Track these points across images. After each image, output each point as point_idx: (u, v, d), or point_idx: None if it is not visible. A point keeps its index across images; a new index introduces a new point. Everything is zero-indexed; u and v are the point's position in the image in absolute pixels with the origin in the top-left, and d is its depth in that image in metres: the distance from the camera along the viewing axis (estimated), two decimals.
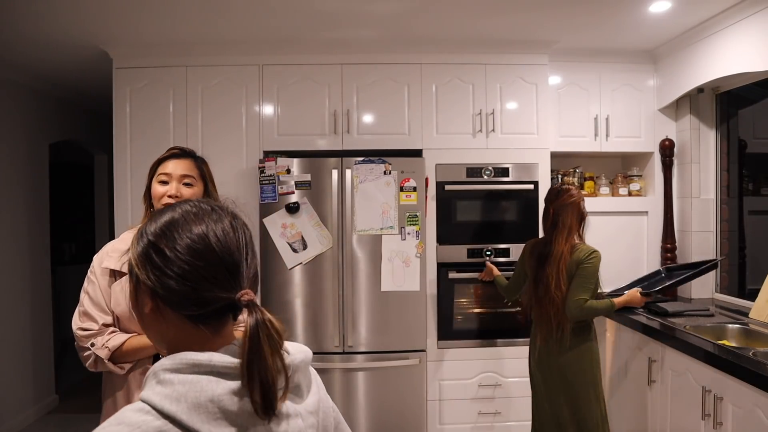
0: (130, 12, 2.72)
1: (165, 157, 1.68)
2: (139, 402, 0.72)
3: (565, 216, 2.46)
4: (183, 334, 0.78)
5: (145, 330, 0.83)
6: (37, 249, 3.94)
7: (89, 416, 3.86)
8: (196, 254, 0.76)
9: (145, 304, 0.79)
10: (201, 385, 0.71)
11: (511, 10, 2.75)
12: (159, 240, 0.77)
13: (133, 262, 0.79)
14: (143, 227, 0.81)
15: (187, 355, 0.73)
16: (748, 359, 2.04)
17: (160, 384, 0.72)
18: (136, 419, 0.69)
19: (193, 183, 1.68)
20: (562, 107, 3.39)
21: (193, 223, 0.78)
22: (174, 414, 0.69)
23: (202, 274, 0.76)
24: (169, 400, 0.70)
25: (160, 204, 1.63)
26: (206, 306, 0.76)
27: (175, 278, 0.75)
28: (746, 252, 3.36)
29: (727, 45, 2.80)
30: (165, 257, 0.76)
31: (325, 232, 3.02)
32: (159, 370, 0.73)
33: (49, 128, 4.11)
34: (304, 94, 3.20)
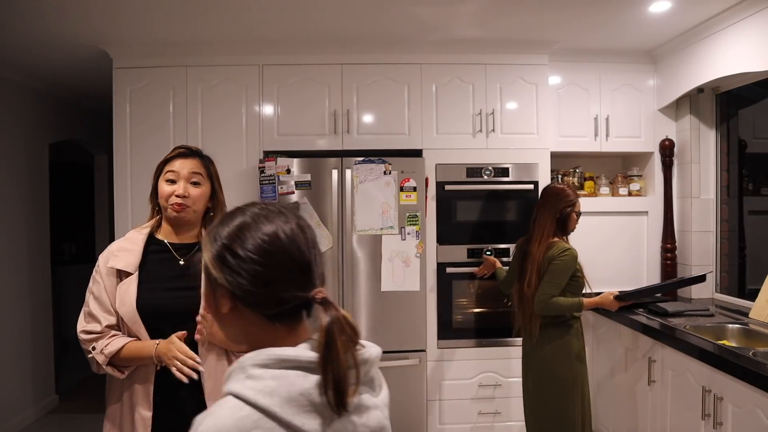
0: (130, 12, 2.71)
1: (172, 156, 1.66)
2: (230, 397, 0.75)
3: (542, 214, 2.55)
4: (261, 332, 0.82)
5: (223, 329, 0.86)
6: (37, 249, 3.94)
7: (89, 416, 3.87)
8: (270, 255, 0.80)
9: (222, 305, 0.82)
10: (290, 380, 0.75)
11: (511, 10, 2.75)
12: (233, 243, 0.81)
13: (210, 265, 0.82)
14: (215, 231, 0.84)
15: (275, 351, 0.77)
16: (748, 359, 2.05)
17: (250, 379, 0.75)
18: (238, 414, 0.73)
19: (201, 182, 1.66)
20: (562, 107, 3.39)
21: (264, 225, 0.82)
22: (268, 407, 0.73)
23: (277, 274, 0.80)
24: (263, 395, 0.74)
25: (168, 203, 1.61)
26: (283, 304, 0.81)
27: (252, 279, 0.79)
28: (746, 252, 3.36)
29: (727, 45, 2.80)
30: (241, 259, 0.80)
31: (325, 232, 3.02)
32: (247, 365, 0.76)
33: (48, 128, 4.11)
34: (304, 94, 3.20)
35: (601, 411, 3.20)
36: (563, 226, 2.55)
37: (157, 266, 1.62)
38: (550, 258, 2.46)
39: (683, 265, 3.40)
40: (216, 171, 1.72)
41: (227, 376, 0.79)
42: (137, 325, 1.55)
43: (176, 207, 1.61)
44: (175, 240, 1.66)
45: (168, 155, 1.68)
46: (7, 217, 3.62)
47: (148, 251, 1.63)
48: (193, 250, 1.67)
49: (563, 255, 2.45)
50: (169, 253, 1.64)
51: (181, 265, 1.64)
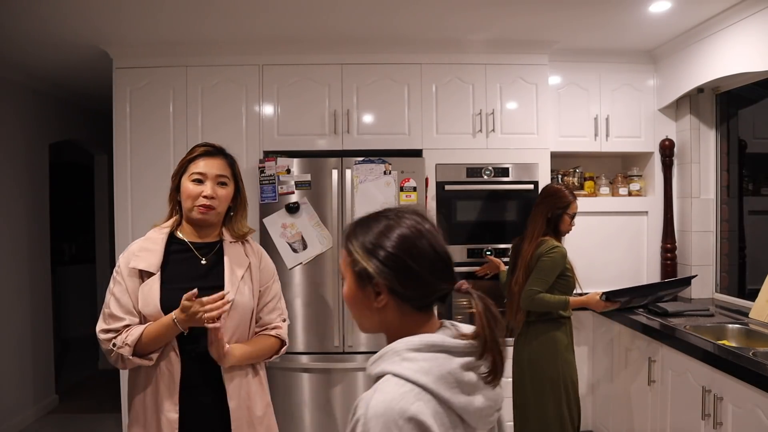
0: (131, 12, 2.71)
1: (197, 155, 1.62)
2: (390, 376, 0.87)
3: (535, 213, 2.58)
4: (407, 320, 0.95)
5: (368, 318, 1.00)
6: (37, 249, 3.94)
7: (89, 416, 3.87)
8: (421, 253, 0.93)
9: (377, 301, 0.95)
10: (440, 362, 0.88)
11: (511, 10, 2.75)
12: (388, 245, 0.93)
13: (372, 270, 0.93)
14: (366, 236, 0.95)
15: (424, 338, 0.91)
16: (748, 359, 2.05)
17: (406, 361, 0.88)
18: (402, 390, 0.84)
19: (227, 182, 1.64)
20: (562, 107, 3.39)
21: (411, 226, 0.95)
22: (425, 384, 0.85)
23: (429, 269, 0.93)
24: (419, 373, 0.86)
25: (195, 204, 1.58)
26: (431, 296, 0.95)
27: (413, 278, 0.92)
28: (746, 252, 3.36)
29: (727, 45, 2.80)
30: (397, 259, 0.92)
31: (325, 232, 3.02)
32: (402, 349, 0.90)
33: (49, 128, 4.11)
34: (304, 94, 3.20)
35: (601, 411, 3.20)
36: (555, 227, 2.55)
37: (179, 266, 1.60)
38: (539, 255, 2.48)
39: (683, 265, 3.40)
40: (239, 170, 1.70)
41: (377, 359, 0.93)
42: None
43: (203, 209, 1.59)
44: (196, 239, 1.64)
45: (193, 153, 1.63)
46: (7, 217, 3.62)
47: (169, 251, 1.60)
48: (215, 249, 1.64)
49: (551, 252, 2.46)
50: (190, 253, 1.62)
51: (203, 264, 1.62)
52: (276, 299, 1.74)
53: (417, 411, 0.83)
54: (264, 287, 1.70)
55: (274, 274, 1.76)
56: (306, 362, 3.02)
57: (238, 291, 1.60)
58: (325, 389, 3.03)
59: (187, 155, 1.64)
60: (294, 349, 3.03)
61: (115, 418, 3.56)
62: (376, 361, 0.93)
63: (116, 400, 3.27)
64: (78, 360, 5.08)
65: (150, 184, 3.17)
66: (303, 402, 3.02)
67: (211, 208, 1.59)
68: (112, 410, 3.71)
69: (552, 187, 2.63)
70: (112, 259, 3.52)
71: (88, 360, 5.00)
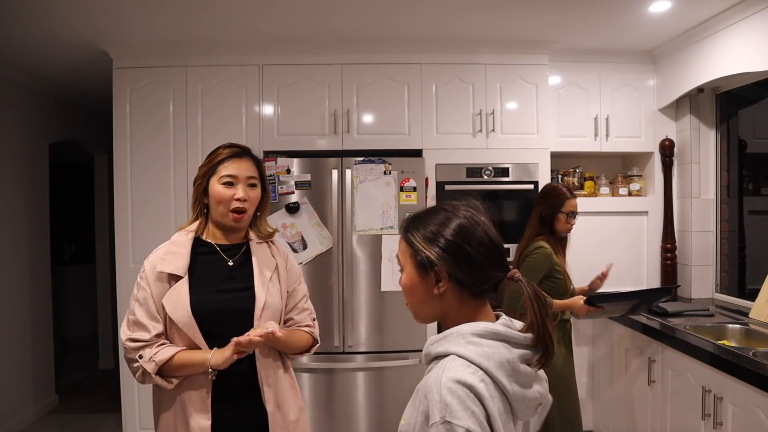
0: (130, 12, 2.71)
1: (226, 157, 1.58)
2: (456, 357, 0.94)
3: (533, 213, 2.56)
4: (465, 307, 1.02)
5: (427, 306, 1.04)
6: (37, 249, 3.94)
7: (89, 416, 3.87)
8: (481, 242, 1.00)
9: (437, 287, 1.00)
10: (500, 350, 0.95)
11: (511, 10, 2.75)
12: (452, 234, 1.00)
13: (434, 257, 0.99)
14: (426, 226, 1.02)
15: (488, 325, 0.97)
16: (748, 359, 2.05)
17: (471, 344, 0.94)
18: (468, 369, 0.91)
19: (256, 184, 1.61)
20: (562, 107, 3.39)
21: (470, 217, 1.04)
22: (487, 368, 0.92)
23: (487, 257, 1.00)
24: (483, 357, 0.93)
25: (229, 209, 1.54)
26: (488, 282, 1.01)
27: (471, 264, 0.99)
28: (746, 252, 3.36)
29: (727, 45, 2.80)
30: (460, 248, 0.99)
31: (325, 232, 3.02)
32: (467, 333, 0.96)
33: (49, 128, 4.11)
34: (304, 94, 3.20)
35: (601, 411, 3.20)
36: (550, 227, 2.50)
37: (207, 268, 1.57)
38: (525, 256, 2.46)
39: (683, 265, 3.40)
40: (265, 170, 1.67)
41: (440, 339, 0.99)
42: (193, 329, 1.49)
43: (237, 215, 1.56)
44: (222, 241, 1.61)
45: (220, 155, 1.59)
46: (7, 216, 3.62)
47: (195, 253, 1.57)
48: (241, 251, 1.62)
49: (534, 252, 2.43)
50: (217, 254, 1.59)
51: (230, 266, 1.59)
52: (305, 299, 1.73)
53: (481, 390, 0.89)
54: (291, 288, 1.69)
55: (300, 275, 1.74)
56: (306, 362, 3.02)
57: (268, 292, 1.58)
58: (325, 389, 3.03)
59: (214, 157, 1.59)
60: None
61: (115, 418, 3.56)
62: (439, 341, 0.99)
63: (116, 400, 3.27)
64: (78, 360, 5.08)
65: (150, 184, 3.17)
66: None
67: (244, 211, 1.57)
68: (112, 410, 3.71)
69: (548, 186, 2.61)
70: (112, 259, 3.52)
71: (88, 360, 5.00)
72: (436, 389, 0.90)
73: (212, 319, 1.50)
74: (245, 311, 1.54)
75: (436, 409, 0.88)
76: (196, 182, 1.60)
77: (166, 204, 3.18)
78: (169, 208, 3.18)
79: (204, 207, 1.60)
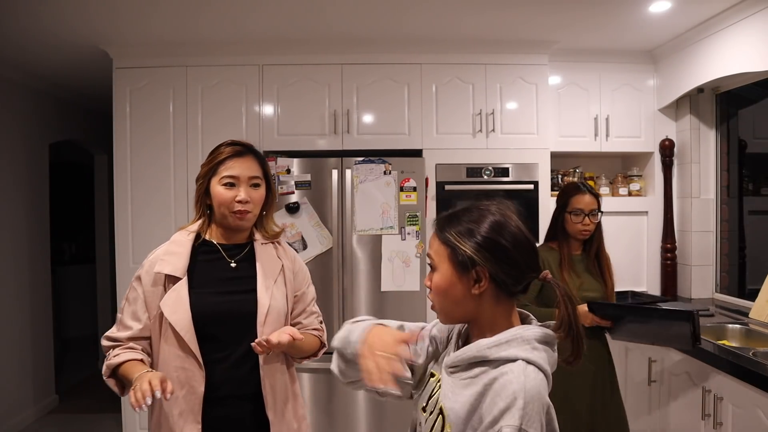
0: (130, 12, 2.72)
1: (227, 156, 1.50)
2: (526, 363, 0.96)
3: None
4: (500, 307, 1.04)
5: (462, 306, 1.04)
6: (37, 249, 3.94)
7: (89, 416, 3.87)
8: (519, 242, 1.02)
9: (476, 287, 1.01)
10: (551, 353, 1.01)
11: (511, 9, 2.75)
12: (493, 233, 1.01)
13: (476, 256, 1.00)
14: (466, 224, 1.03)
15: (544, 330, 1.02)
16: (748, 359, 2.05)
17: (536, 350, 0.98)
18: (540, 376, 0.96)
19: (260, 183, 1.53)
20: (562, 107, 3.39)
21: (510, 219, 1.04)
22: (547, 372, 0.98)
23: (525, 257, 1.02)
24: (545, 362, 0.98)
25: (231, 211, 1.48)
26: (523, 282, 1.03)
27: (511, 263, 1.01)
28: (746, 252, 3.36)
29: (727, 45, 2.80)
30: (501, 247, 1.01)
31: (325, 232, 3.02)
32: (531, 338, 0.99)
33: (49, 128, 4.11)
34: (304, 94, 3.20)
35: None
36: (562, 230, 2.26)
37: (207, 268, 1.50)
38: None
39: (683, 265, 3.40)
40: (269, 168, 1.59)
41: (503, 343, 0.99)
42: (190, 333, 1.41)
43: (239, 216, 1.49)
44: (225, 241, 1.54)
45: (221, 154, 1.50)
46: (7, 217, 3.62)
47: (196, 253, 1.50)
48: (245, 251, 1.55)
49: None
50: (218, 254, 1.52)
51: (233, 267, 1.52)
52: (313, 302, 1.67)
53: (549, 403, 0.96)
54: (300, 292, 1.63)
55: (308, 277, 1.69)
56: (306, 362, 3.01)
57: (272, 296, 1.51)
58: (325, 389, 3.03)
59: (215, 156, 1.51)
60: None
61: (115, 418, 3.56)
62: (501, 345, 0.99)
63: (116, 400, 3.26)
64: (78, 360, 5.08)
65: (150, 184, 3.17)
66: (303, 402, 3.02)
67: (246, 212, 1.49)
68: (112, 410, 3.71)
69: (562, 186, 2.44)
70: (112, 259, 3.52)
71: (88, 360, 5.00)
72: (521, 395, 0.92)
73: (213, 321, 1.44)
74: (248, 315, 1.48)
75: (516, 415, 0.90)
76: (198, 182, 1.54)
77: (166, 204, 3.18)
78: (169, 208, 3.18)
79: (206, 207, 1.54)
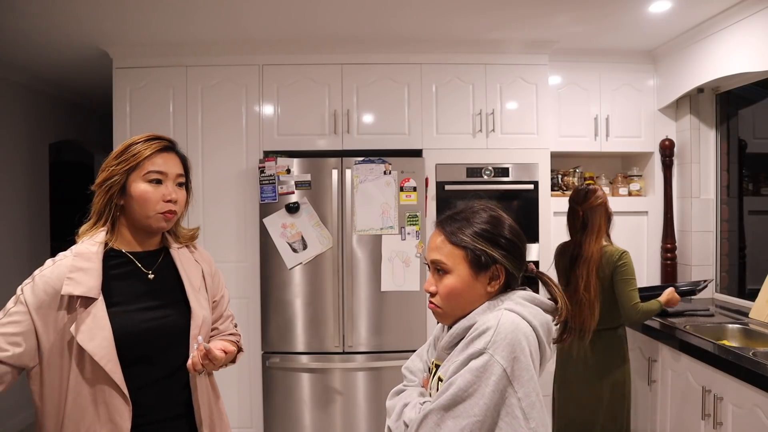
0: (130, 12, 2.72)
1: (155, 151, 1.32)
2: (509, 311, 1.06)
3: (594, 217, 2.44)
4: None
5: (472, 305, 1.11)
6: (37, 249, 3.94)
7: None
8: (520, 237, 1.13)
9: (491, 285, 1.11)
10: (540, 312, 1.10)
11: (511, 9, 2.75)
12: (511, 235, 1.11)
13: (498, 255, 1.09)
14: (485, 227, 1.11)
15: (532, 293, 1.13)
16: (748, 359, 2.05)
17: (518, 305, 1.08)
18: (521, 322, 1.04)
19: (183, 183, 1.39)
20: (562, 107, 3.39)
21: (505, 215, 1.15)
22: (535, 325, 1.06)
23: (524, 250, 1.14)
24: (532, 316, 1.07)
25: (158, 211, 1.32)
26: (521, 274, 1.15)
27: (521, 259, 1.12)
28: (746, 252, 3.36)
29: (727, 45, 2.80)
30: (510, 242, 1.11)
31: (325, 232, 3.02)
32: (515, 296, 1.10)
33: (49, 128, 4.11)
34: (304, 94, 3.20)
35: None
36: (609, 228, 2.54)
37: (123, 283, 1.31)
38: (611, 263, 2.39)
39: (683, 265, 3.40)
40: (191, 167, 1.44)
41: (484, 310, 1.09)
42: (112, 363, 1.21)
43: (168, 215, 1.33)
44: (136, 248, 1.36)
45: (146, 149, 1.31)
46: (7, 217, 3.62)
47: (107, 266, 1.29)
48: (159, 259, 1.39)
49: (624, 257, 2.41)
50: (132, 265, 1.34)
51: (150, 278, 1.35)
52: (228, 305, 1.56)
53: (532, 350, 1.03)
54: (219, 296, 1.50)
55: (223, 280, 1.55)
56: (306, 362, 3.02)
57: (199, 304, 1.38)
58: (325, 389, 3.03)
59: (134, 150, 1.31)
60: (294, 349, 3.03)
61: None
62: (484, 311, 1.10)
63: None
64: None
65: None
66: (303, 402, 3.02)
67: (174, 213, 1.34)
68: None
69: (594, 188, 2.53)
70: None
71: None
72: (493, 328, 1.01)
73: (141, 342, 1.27)
74: (179, 329, 1.33)
75: (483, 341, 1.00)
76: (109, 180, 1.30)
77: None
78: None
79: (116, 209, 1.33)
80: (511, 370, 0.99)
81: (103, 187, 1.32)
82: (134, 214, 1.33)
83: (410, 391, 1.23)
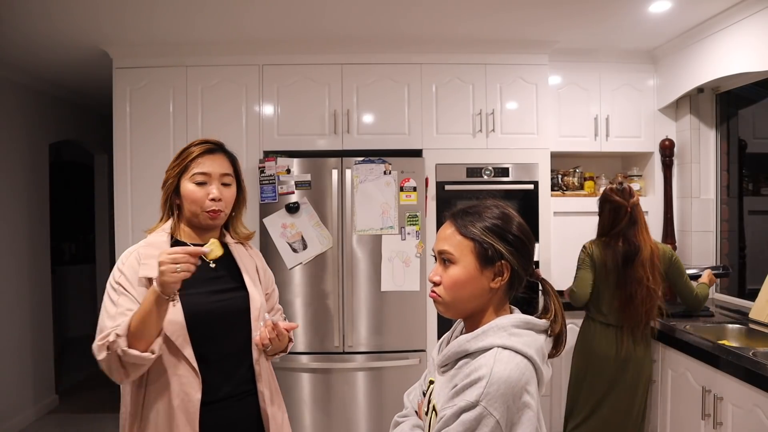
0: (130, 12, 2.72)
1: (199, 153, 1.46)
2: (499, 348, 1.01)
3: (641, 213, 2.59)
4: (504, 300, 1.12)
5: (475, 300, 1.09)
6: (37, 249, 3.94)
7: (89, 416, 3.87)
8: (529, 235, 1.11)
9: (495, 281, 1.08)
10: (534, 337, 1.05)
11: (510, 9, 2.75)
12: (520, 233, 1.10)
13: (505, 251, 1.07)
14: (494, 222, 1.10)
15: (521, 316, 1.08)
16: (748, 359, 2.04)
17: (513, 336, 1.03)
18: (516, 360, 1.00)
19: (231, 182, 1.51)
20: (562, 107, 3.39)
21: (515, 213, 1.14)
22: (530, 355, 1.01)
23: (532, 250, 1.12)
24: (526, 346, 1.02)
25: (203, 209, 1.44)
26: (527, 275, 1.11)
27: (529, 257, 1.10)
28: (746, 252, 3.36)
29: (727, 45, 2.80)
30: (526, 246, 1.10)
31: (325, 232, 3.02)
32: (507, 326, 1.05)
33: (49, 128, 4.11)
34: (304, 93, 3.20)
35: None
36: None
37: None
38: (666, 258, 2.59)
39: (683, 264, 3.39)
40: (240, 167, 1.57)
41: (480, 334, 1.04)
42: (182, 338, 1.36)
43: (213, 214, 1.46)
44: (198, 241, 1.49)
45: (193, 152, 1.46)
46: (7, 217, 3.62)
47: None
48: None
49: (672, 251, 2.66)
50: None
51: (212, 267, 1.48)
52: (278, 301, 1.72)
53: (530, 384, 0.99)
54: (271, 290, 1.66)
55: (273, 277, 1.72)
56: (306, 362, 3.02)
57: (257, 290, 1.53)
58: (325, 389, 3.03)
59: (186, 154, 1.48)
60: (294, 349, 3.03)
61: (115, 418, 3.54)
62: (479, 336, 1.05)
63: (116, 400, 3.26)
64: (78, 360, 5.07)
65: (150, 184, 3.16)
66: (303, 402, 3.02)
67: (219, 212, 1.47)
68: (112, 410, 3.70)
69: (629, 186, 2.71)
70: (112, 260, 3.52)
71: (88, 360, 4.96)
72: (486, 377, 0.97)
73: (207, 322, 1.41)
74: (241, 312, 1.47)
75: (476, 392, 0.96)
76: (167, 182, 1.49)
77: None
78: None
79: (175, 207, 1.50)
80: (506, 420, 0.96)
81: (164, 188, 1.50)
82: (187, 213, 1.48)
83: (403, 426, 1.23)
